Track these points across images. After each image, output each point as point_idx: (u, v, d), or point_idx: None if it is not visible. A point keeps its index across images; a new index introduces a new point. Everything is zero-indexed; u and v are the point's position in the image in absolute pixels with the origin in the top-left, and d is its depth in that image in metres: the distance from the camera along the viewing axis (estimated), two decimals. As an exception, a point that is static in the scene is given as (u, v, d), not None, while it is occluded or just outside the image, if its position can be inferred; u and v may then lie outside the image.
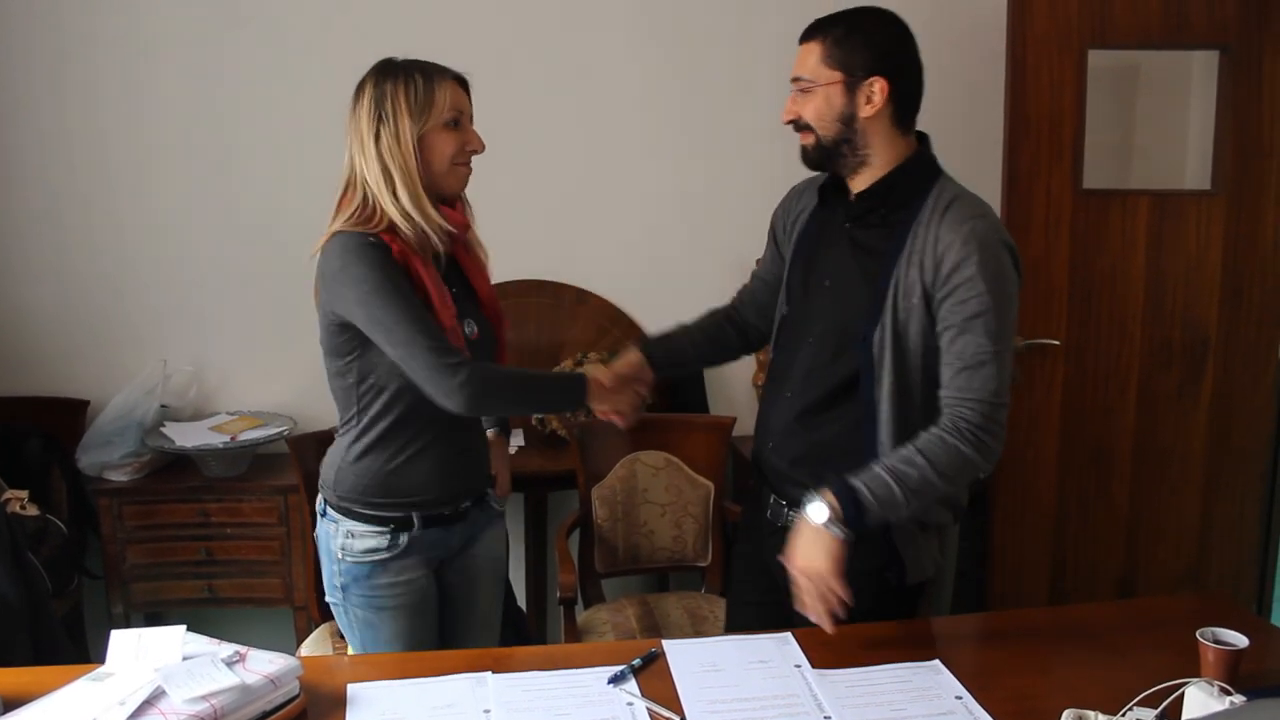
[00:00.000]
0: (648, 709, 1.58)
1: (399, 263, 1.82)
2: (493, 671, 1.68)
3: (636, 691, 1.63)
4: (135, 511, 3.08)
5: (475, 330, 1.96)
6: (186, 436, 3.11)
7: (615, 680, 1.66)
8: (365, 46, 3.20)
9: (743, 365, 3.29)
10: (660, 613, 2.83)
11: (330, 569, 1.98)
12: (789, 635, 1.82)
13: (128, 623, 3.10)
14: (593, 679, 1.67)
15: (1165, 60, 3.48)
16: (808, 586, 1.71)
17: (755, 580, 2.07)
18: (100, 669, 1.56)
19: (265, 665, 1.56)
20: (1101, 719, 1.48)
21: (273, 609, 3.20)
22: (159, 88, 3.23)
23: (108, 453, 3.08)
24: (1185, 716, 1.49)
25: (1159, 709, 1.48)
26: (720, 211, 3.35)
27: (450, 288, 1.92)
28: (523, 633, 2.50)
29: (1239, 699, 1.43)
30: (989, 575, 3.34)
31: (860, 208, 1.88)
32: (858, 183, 1.88)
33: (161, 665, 1.53)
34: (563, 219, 3.39)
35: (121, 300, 3.32)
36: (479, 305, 2.02)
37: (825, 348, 1.88)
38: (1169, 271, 3.23)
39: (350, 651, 2.38)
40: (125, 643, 1.58)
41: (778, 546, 1.85)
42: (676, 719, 1.56)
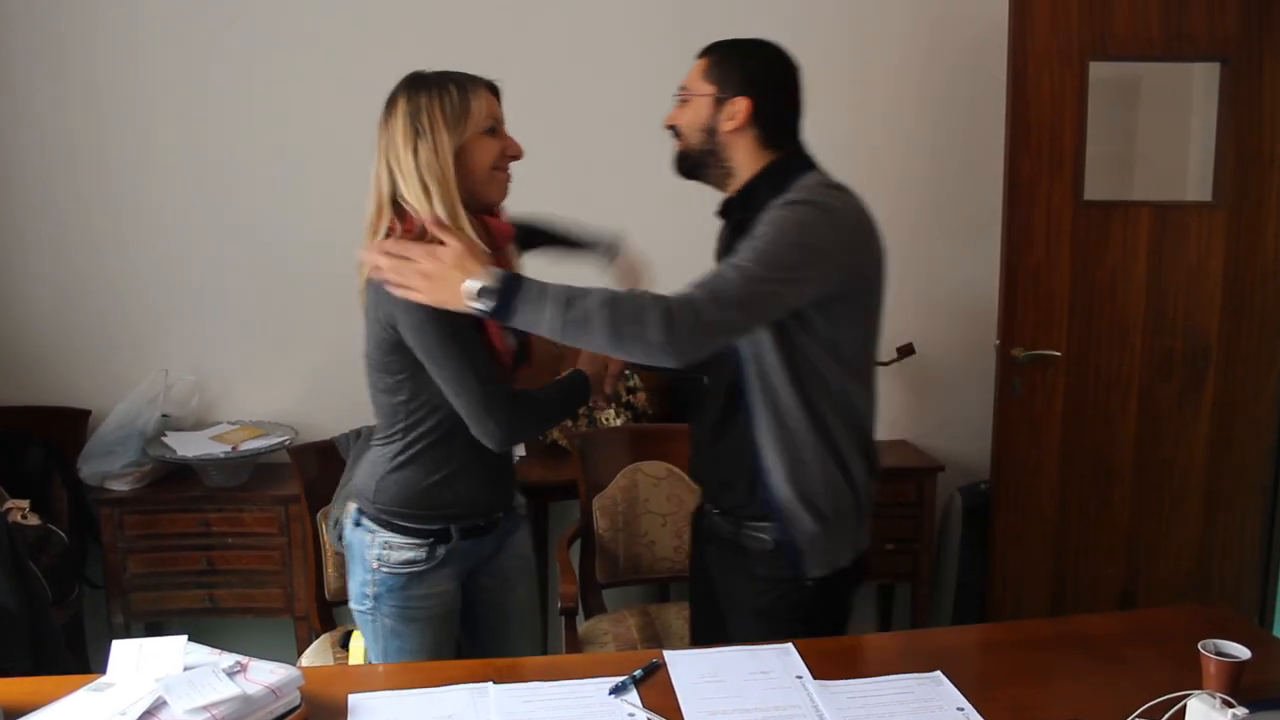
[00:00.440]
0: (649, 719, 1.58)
1: None
2: (494, 682, 1.68)
3: (638, 702, 1.63)
4: (136, 521, 3.08)
5: (514, 342, 1.95)
6: (188, 446, 3.12)
7: (616, 691, 1.66)
8: (369, 53, 3.25)
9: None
10: (661, 623, 2.83)
11: (362, 577, 1.97)
12: (790, 646, 1.82)
13: (128, 632, 3.10)
14: (594, 690, 1.66)
15: (1166, 72, 3.49)
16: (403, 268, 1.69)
17: (699, 588, 2.16)
18: (101, 679, 1.56)
19: (266, 675, 1.56)
20: (1103, 731, 1.48)
21: (274, 619, 3.20)
22: (161, 97, 3.24)
23: (109, 462, 3.09)
24: (1187, 729, 1.49)
25: (1161, 721, 1.48)
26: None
27: None
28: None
29: (1241, 711, 1.43)
30: (990, 586, 3.33)
31: (731, 220, 1.95)
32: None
33: (162, 675, 1.53)
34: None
35: (123, 310, 3.33)
36: None
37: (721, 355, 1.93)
38: (1170, 283, 3.23)
39: (360, 660, 2.38)
40: (126, 653, 1.58)
41: (712, 556, 2.05)
42: (678, 730, 1.56)
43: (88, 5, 3.18)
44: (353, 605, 2.02)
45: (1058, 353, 3.22)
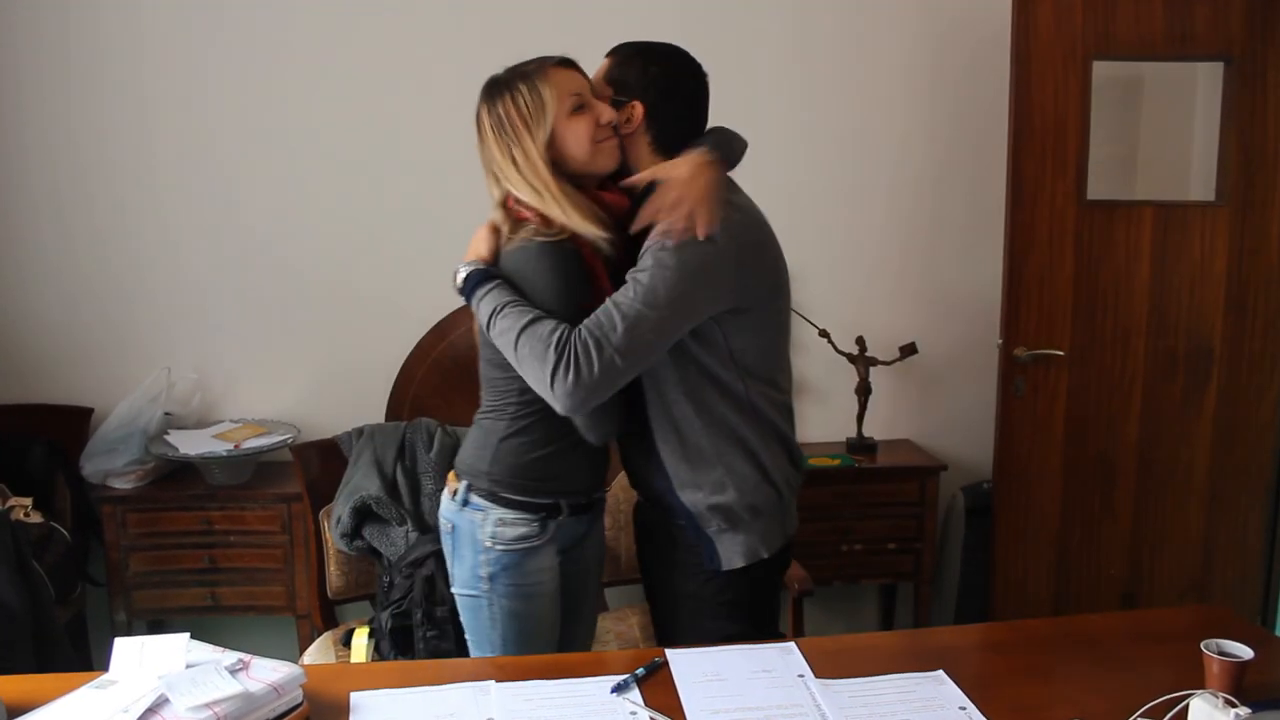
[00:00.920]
0: (651, 718, 1.58)
1: (585, 268, 1.84)
2: (495, 680, 1.68)
3: (640, 701, 1.63)
4: (139, 519, 3.08)
5: None
6: (190, 444, 3.12)
7: (618, 689, 1.66)
8: (372, 53, 3.25)
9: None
10: (663, 622, 2.83)
11: (475, 559, 1.95)
12: (792, 645, 1.82)
13: (130, 630, 3.10)
14: (596, 688, 1.67)
15: (1169, 71, 3.49)
16: None
17: (645, 581, 2.21)
18: (104, 676, 1.56)
19: (268, 673, 1.56)
20: (1105, 730, 1.48)
21: (276, 617, 3.20)
22: (166, 96, 3.24)
23: (111, 460, 3.09)
24: (1189, 728, 1.49)
25: (1163, 720, 1.48)
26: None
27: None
28: None
29: (1244, 711, 1.43)
30: (992, 585, 3.33)
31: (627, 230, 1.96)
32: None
33: (165, 673, 1.53)
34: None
35: (126, 308, 3.33)
36: None
37: None
38: (1173, 282, 3.23)
39: (362, 658, 2.39)
40: (129, 650, 1.59)
41: (645, 545, 2.15)
42: (679, 729, 1.56)
43: (93, 6, 3.18)
44: (460, 591, 1.99)
45: (1060, 352, 3.21)
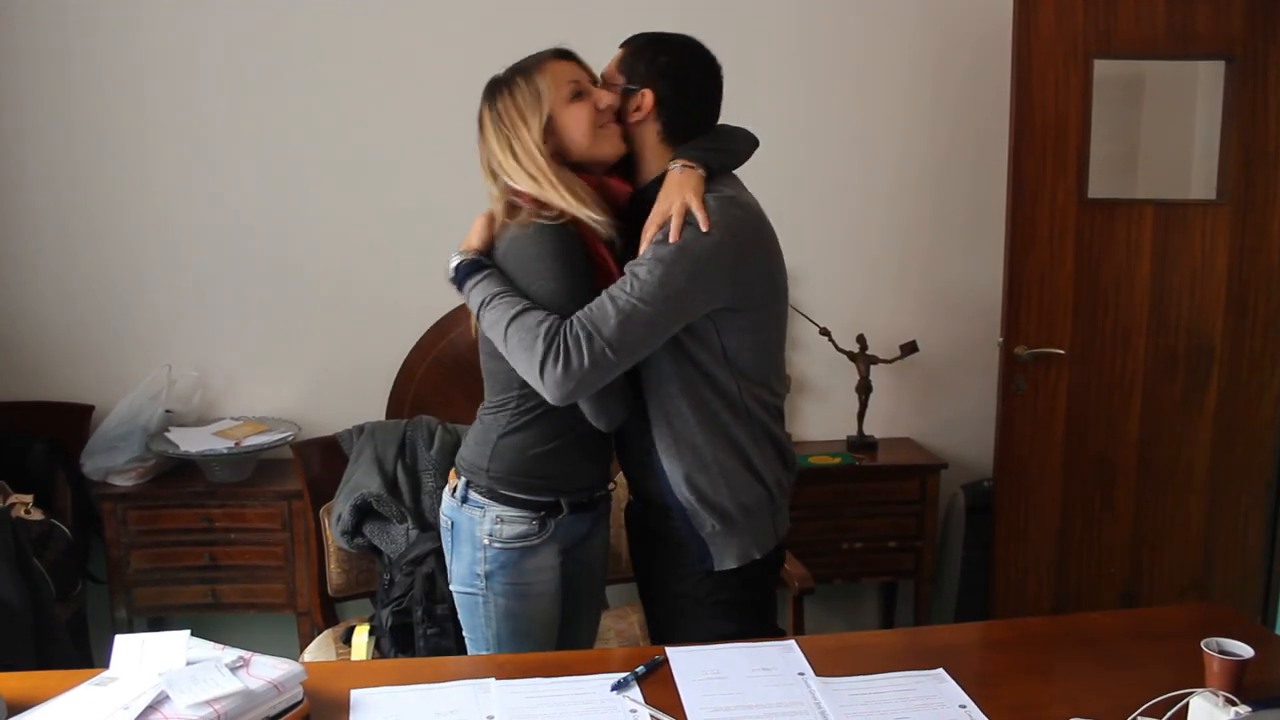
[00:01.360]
0: (651, 716, 1.58)
1: (588, 251, 1.85)
2: (496, 678, 1.68)
3: (640, 698, 1.63)
4: (139, 516, 3.09)
5: None
6: (191, 442, 3.12)
7: (618, 687, 1.66)
8: (372, 51, 3.25)
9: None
10: (663, 620, 2.83)
11: (473, 556, 1.95)
12: (792, 643, 1.82)
13: (131, 627, 3.11)
14: (596, 686, 1.67)
15: (1170, 70, 3.49)
16: None
17: (639, 580, 2.20)
18: (104, 673, 1.56)
19: (269, 670, 1.56)
20: (1105, 729, 1.48)
21: (276, 614, 3.20)
22: (165, 93, 3.24)
23: (112, 458, 3.09)
24: (1189, 727, 1.49)
25: (1164, 719, 1.48)
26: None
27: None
28: None
29: (1244, 710, 1.43)
30: (992, 584, 3.33)
31: (631, 220, 1.95)
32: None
33: (165, 670, 1.53)
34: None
35: (126, 305, 3.33)
36: None
37: None
38: (1174, 281, 3.23)
39: (362, 655, 2.39)
40: (129, 647, 1.59)
41: (637, 544, 2.13)
42: (680, 726, 1.56)
43: (93, 7, 3.18)
44: (457, 588, 1.99)
45: (1061, 351, 3.21)
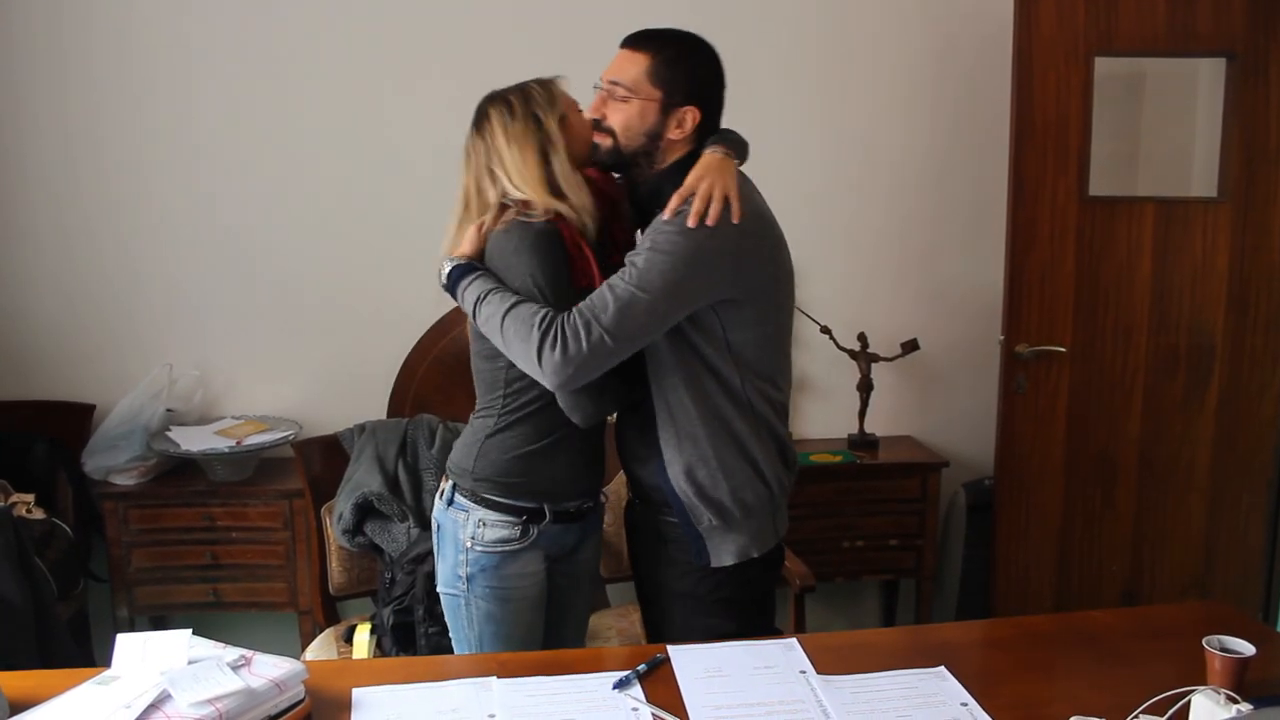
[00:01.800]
0: (652, 714, 1.58)
1: (569, 249, 1.86)
2: (497, 676, 1.69)
3: (641, 697, 1.63)
4: (140, 515, 3.09)
5: None
6: (192, 441, 3.12)
7: (620, 685, 1.66)
8: (371, 54, 3.25)
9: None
10: (665, 618, 2.82)
11: (455, 558, 1.98)
12: (794, 641, 1.82)
13: (132, 626, 3.11)
14: (598, 684, 1.67)
15: (1172, 67, 3.48)
16: None
17: (637, 581, 2.19)
18: (106, 672, 1.56)
19: (270, 669, 1.56)
20: (1107, 727, 1.48)
21: (277, 613, 3.20)
22: (163, 94, 3.23)
23: (113, 457, 3.09)
24: (1191, 725, 1.49)
25: (1165, 717, 1.48)
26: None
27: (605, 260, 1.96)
28: None
29: (1245, 707, 1.43)
30: (994, 582, 3.33)
31: (637, 216, 1.96)
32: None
33: (167, 669, 1.53)
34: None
35: (127, 305, 3.33)
36: None
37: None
38: (1175, 279, 3.22)
39: (364, 654, 2.39)
40: (131, 646, 1.59)
41: (637, 544, 2.12)
42: (681, 725, 1.56)
43: (90, 13, 3.18)
44: (442, 589, 2.02)
45: (1062, 349, 3.21)
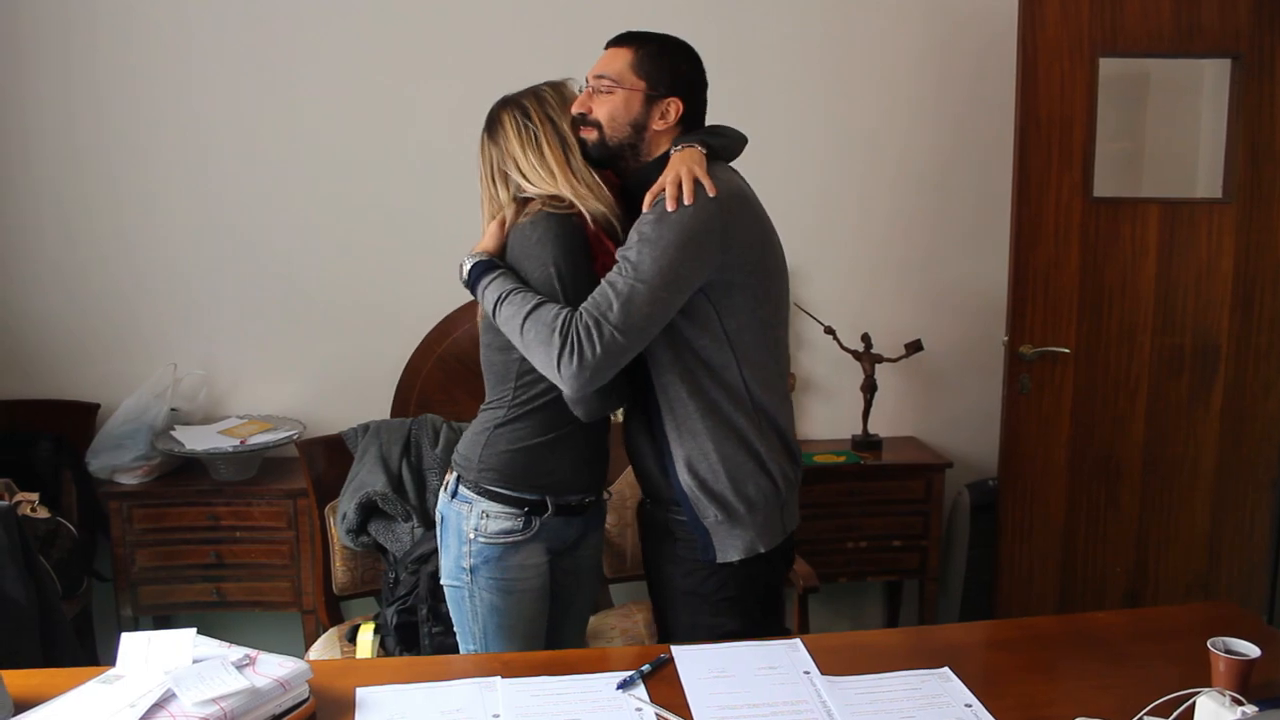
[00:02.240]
0: (656, 714, 1.58)
1: (590, 240, 1.89)
2: (501, 676, 1.69)
3: (645, 697, 1.63)
4: (145, 515, 3.09)
5: None
6: (196, 440, 3.12)
7: (624, 685, 1.66)
8: (377, 55, 3.25)
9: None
10: (668, 619, 2.82)
11: (459, 550, 2.00)
12: (798, 642, 1.82)
13: (136, 626, 3.11)
14: (602, 684, 1.67)
15: (1176, 68, 3.48)
16: None
17: (648, 580, 2.18)
18: (110, 671, 1.56)
19: (275, 668, 1.57)
20: (1112, 728, 1.48)
21: (281, 613, 3.20)
22: (169, 93, 3.24)
23: (118, 456, 3.09)
24: (1196, 726, 1.48)
25: (1170, 718, 1.48)
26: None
27: None
28: None
29: (1250, 709, 1.43)
30: (998, 583, 3.33)
31: (627, 208, 1.98)
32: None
33: (171, 668, 1.53)
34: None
35: (132, 304, 3.33)
36: None
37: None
38: (1180, 280, 3.22)
39: (368, 654, 2.39)
40: (135, 645, 1.59)
41: (648, 542, 2.11)
42: (685, 725, 1.56)
43: (95, 15, 3.18)
44: (445, 581, 2.04)
45: (1066, 350, 3.21)
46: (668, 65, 1.95)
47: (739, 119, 2.02)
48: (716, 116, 2.04)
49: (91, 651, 3.12)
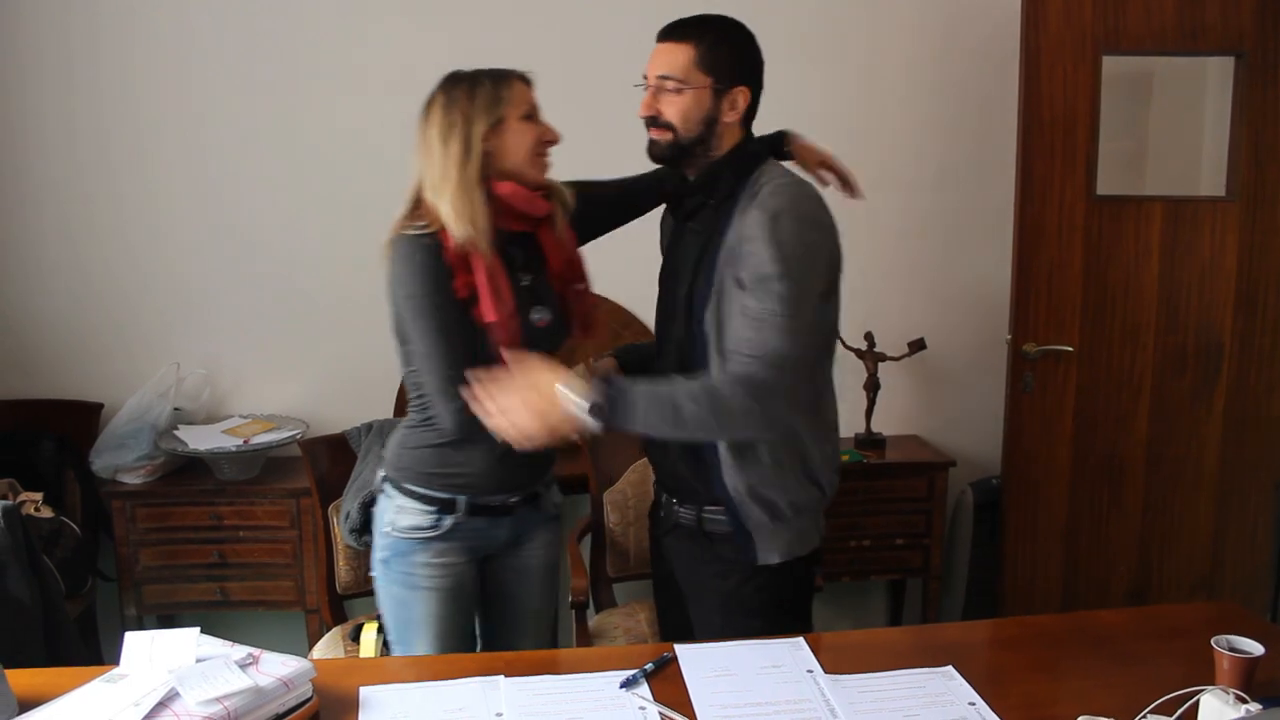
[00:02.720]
0: (659, 713, 1.58)
1: (450, 262, 1.86)
2: (505, 675, 1.69)
3: (648, 696, 1.63)
4: (148, 514, 3.09)
5: (545, 318, 1.98)
6: (199, 439, 3.13)
7: (627, 684, 1.66)
8: (375, 55, 3.25)
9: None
10: (671, 618, 2.82)
11: (378, 543, 2.05)
12: (801, 640, 1.82)
13: (140, 625, 3.11)
14: (605, 683, 1.67)
15: (1180, 66, 3.47)
16: (505, 408, 1.75)
17: (664, 590, 2.16)
18: (114, 670, 1.56)
19: (278, 668, 1.57)
20: (1115, 727, 1.48)
21: (285, 612, 3.21)
22: (171, 93, 3.24)
23: (121, 455, 3.10)
24: (1200, 725, 1.48)
25: (1173, 717, 1.48)
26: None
27: (528, 274, 1.96)
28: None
29: (1254, 707, 1.43)
30: (1001, 581, 3.33)
31: (692, 204, 1.96)
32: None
33: (175, 667, 1.53)
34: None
35: (135, 304, 3.34)
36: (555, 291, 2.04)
37: (679, 346, 1.96)
38: (1183, 278, 3.22)
39: (371, 653, 2.39)
40: (139, 644, 1.59)
41: (672, 549, 2.06)
42: (688, 724, 1.56)
43: (95, 13, 3.18)
44: (371, 572, 2.09)
45: (1070, 348, 3.21)
46: (729, 53, 1.90)
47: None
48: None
49: (95, 651, 3.12)
